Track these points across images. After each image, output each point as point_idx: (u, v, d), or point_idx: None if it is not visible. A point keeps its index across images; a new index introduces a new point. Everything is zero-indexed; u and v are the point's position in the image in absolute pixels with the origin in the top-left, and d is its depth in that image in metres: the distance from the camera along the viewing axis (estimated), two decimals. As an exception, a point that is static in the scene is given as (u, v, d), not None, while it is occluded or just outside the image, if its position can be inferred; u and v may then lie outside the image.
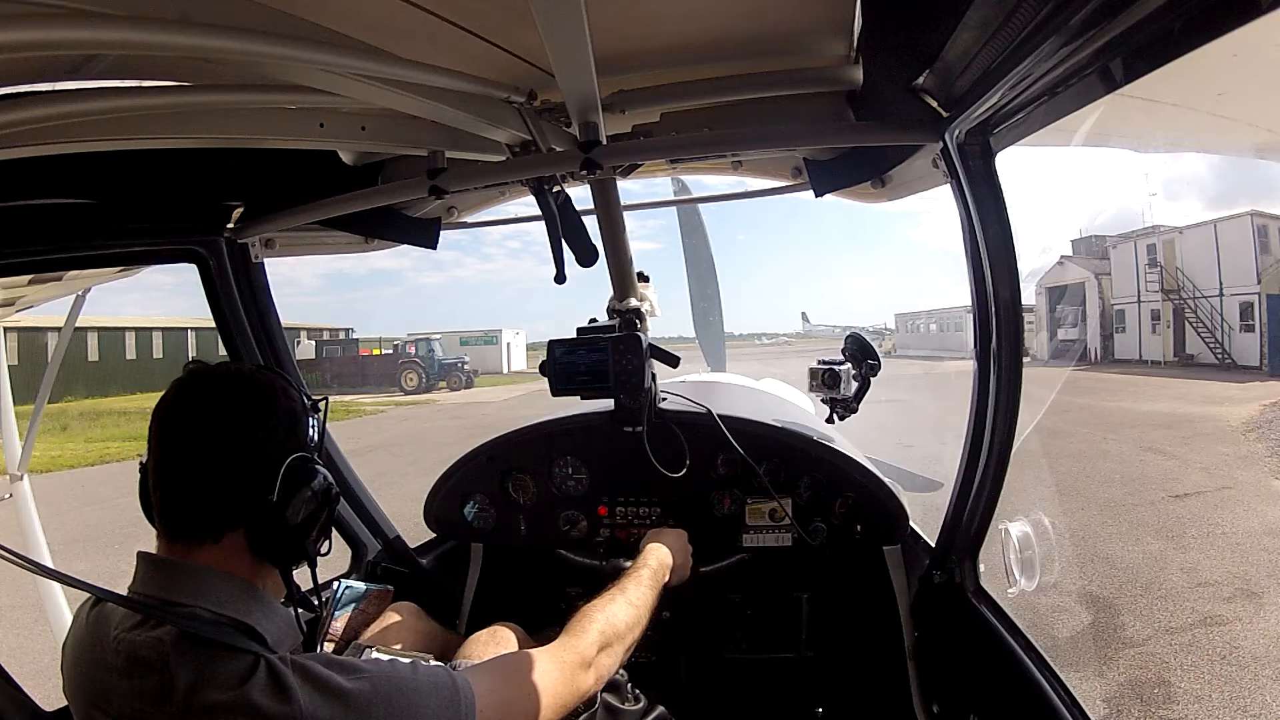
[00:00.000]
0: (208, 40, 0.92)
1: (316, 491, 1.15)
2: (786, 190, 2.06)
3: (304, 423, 1.18)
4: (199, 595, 1.05)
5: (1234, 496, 8.11)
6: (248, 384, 1.15)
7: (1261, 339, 21.76)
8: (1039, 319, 29.66)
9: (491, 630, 1.75)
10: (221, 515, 1.09)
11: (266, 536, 1.11)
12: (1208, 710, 4.17)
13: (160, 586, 1.07)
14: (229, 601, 1.06)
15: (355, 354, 32.51)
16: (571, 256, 1.69)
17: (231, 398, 1.12)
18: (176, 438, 1.10)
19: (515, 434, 2.41)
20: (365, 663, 1.16)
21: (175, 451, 1.10)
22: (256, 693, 0.96)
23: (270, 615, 1.10)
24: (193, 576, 1.07)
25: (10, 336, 3.96)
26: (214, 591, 1.06)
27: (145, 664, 1.00)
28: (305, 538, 1.16)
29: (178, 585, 1.06)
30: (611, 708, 1.72)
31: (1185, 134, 1.49)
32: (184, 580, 1.07)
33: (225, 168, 1.72)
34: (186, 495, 1.09)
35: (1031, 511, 1.87)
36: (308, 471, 1.15)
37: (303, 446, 1.16)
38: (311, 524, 1.16)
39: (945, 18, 1.11)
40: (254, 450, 1.10)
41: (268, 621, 1.08)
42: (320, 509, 1.17)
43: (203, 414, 1.10)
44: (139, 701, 1.00)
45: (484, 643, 1.70)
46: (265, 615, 1.09)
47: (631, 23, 1.34)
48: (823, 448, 2.24)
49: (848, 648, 2.32)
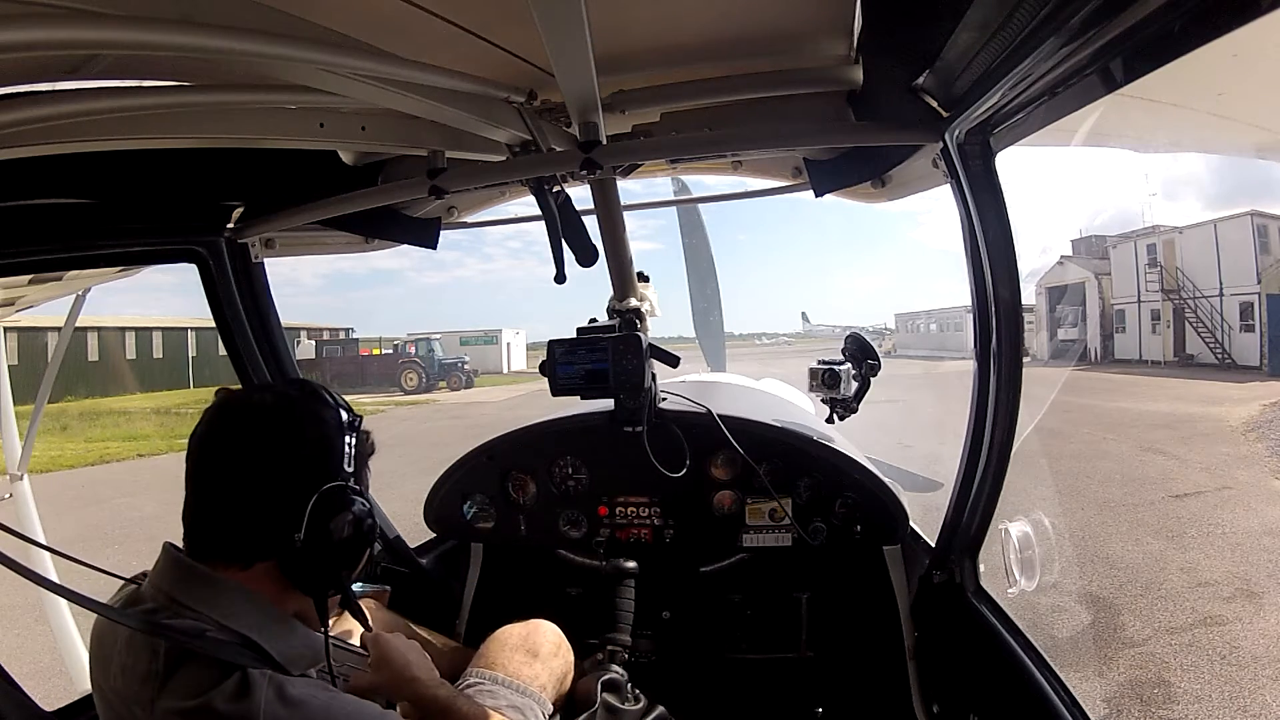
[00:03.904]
0: (208, 40, 0.92)
1: (351, 520, 1.10)
2: (786, 190, 2.06)
3: (338, 447, 1.12)
4: (209, 605, 1.04)
5: (1234, 496, 8.11)
6: (275, 414, 1.11)
7: (1261, 339, 21.73)
8: (1039, 319, 29.63)
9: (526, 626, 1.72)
10: (250, 548, 1.08)
11: (296, 569, 1.09)
12: (1208, 710, 4.16)
13: (173, 585, 1.07)
14: (239, 616, 1.04)
15: (355, 354, 32.43)
16: (571, 256, 1.69)
17: (258, 431, 1.09)
18: (205, 471, 1.09)
19: (515, 434, 2.41)
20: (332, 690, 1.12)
21: (204, 485, 1.09)
22: (219, 699, 0.96)
23: (287, 637, 1.08)
24: (207, 585, 1.06)
25: (10, 336, 3.96)
26: (225, 604, 1.05)
27: (143, 646, 1.01)
28: (338, 568, 1.12)
29: (189, 590, 1.06)
30: (611, 708, 1.72)
31: (1185, 134, 1.49)
32: (197, 587, 1.06)
33: (225, 168, 1.72)
34: (216, 527, 1.09)
35: (1031, 511, 1.87)
36: (342, 501, 1.09)
37: (336, 473, 1.10)
38: (344, 554, 1.11)
39: (945, 18, 1.11)
40: (282, 485, 1.07)
41: (281, 642, 1.06)
42: (354, 539, 1.11)
43: (230, 448, 1.09)
44: (129, 677, 1.02)
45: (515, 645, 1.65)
46: (279, 635, 1.07)
47: (631, 23, 1.34)
48: (823, 448, 2.24)
49: (848, 648, 2.32)
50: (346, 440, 1.14)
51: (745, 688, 2.36)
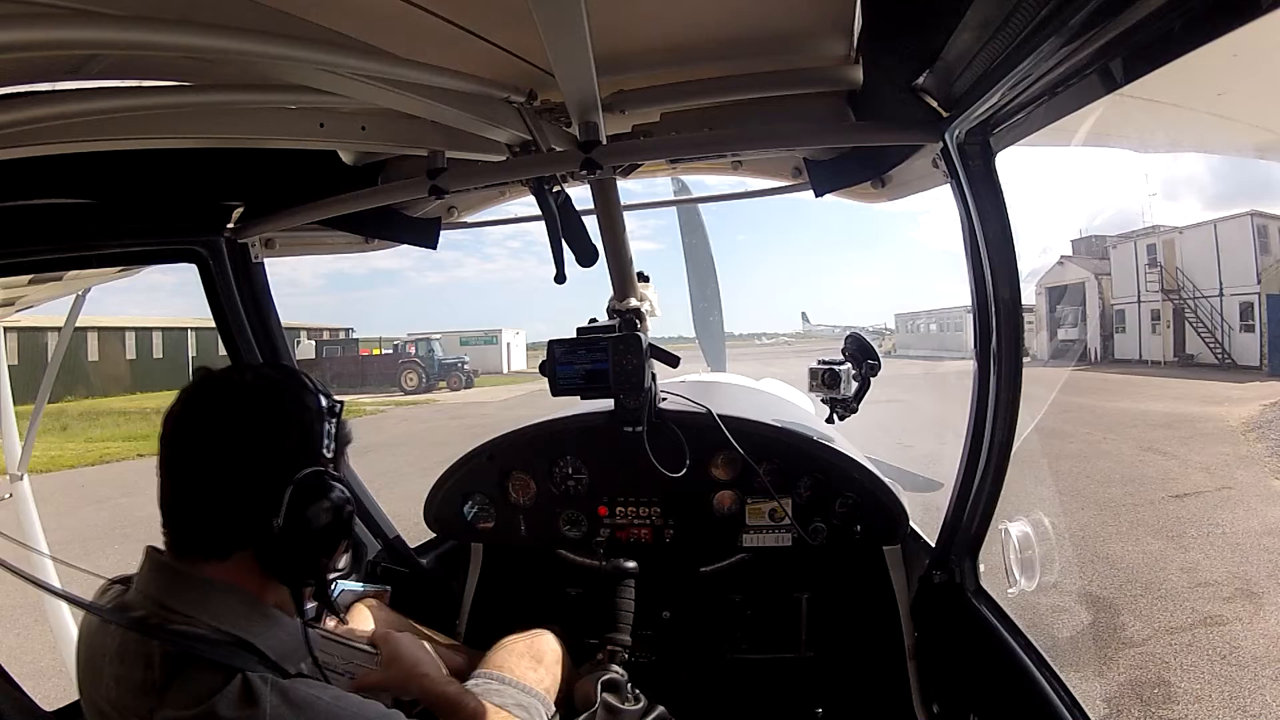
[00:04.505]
0: (208, 40, 0.92)
1: (329, 507, 1.08)
2: (786, 190, 2.06)
3: (318, 431, 1.10)
4: (198, 608, 1.02)
5: (1234, 496, 8.11)
6: (255, 394, 1.09)
7: (1261, 339, 21.73)
8: (1039, 319, 29.64)
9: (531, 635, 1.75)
10: (228, 536, 1.05)
11: (274, 557, 1.06)
12: (1208, 710, 4.16)
13: (161, 590, 1.05)
14: (228, 616, 1.03)
15: (355, 354, 32.44)
16: (571, 256, 1.69)
17: (237, 411, 1.06)
18: (181, 454, 1.06)
19: (515, 434, 2.41)
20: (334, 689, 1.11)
21: (180, 469, 1.06)
22: (223, 706, 0.95)
23: (276, 631, 1.07)
24: (195, 588, 1.04)
25: (10, 336, 3.95)
26: (214, 605, 1.03)
27: (137, 655, 1.00)
28: (317, 557, 1.10)
29: (178, 594, 1.04)
30: (611, 708, 1.72)
31: (1185, 134, 1.48)
32: (185, 590, 1.04)
33: (225, 168, 1.72)
34: (193, 515, 1.06)
35: (1031, 511, 1.87)
36: (320, 486, 1.07)
37: (315, 457, 1.09)
38: (323, 542, 1.09)
39: (945, 18, 1.11)
40: (262, 467, 1.05)
41: (272, 638, 1.05)
42: (333, 525, 1.09)
43: (207, 430, 1.05)
44: (123, 689, 1.00)
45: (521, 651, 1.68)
46: (269, 631, 1.06)
47: (631, 23, 1.34)
48: (823, 448, 2.24)
49: (848, 648, 2.32)
50: (327, 425, 1.12)
51: (745, 688, 2.36)
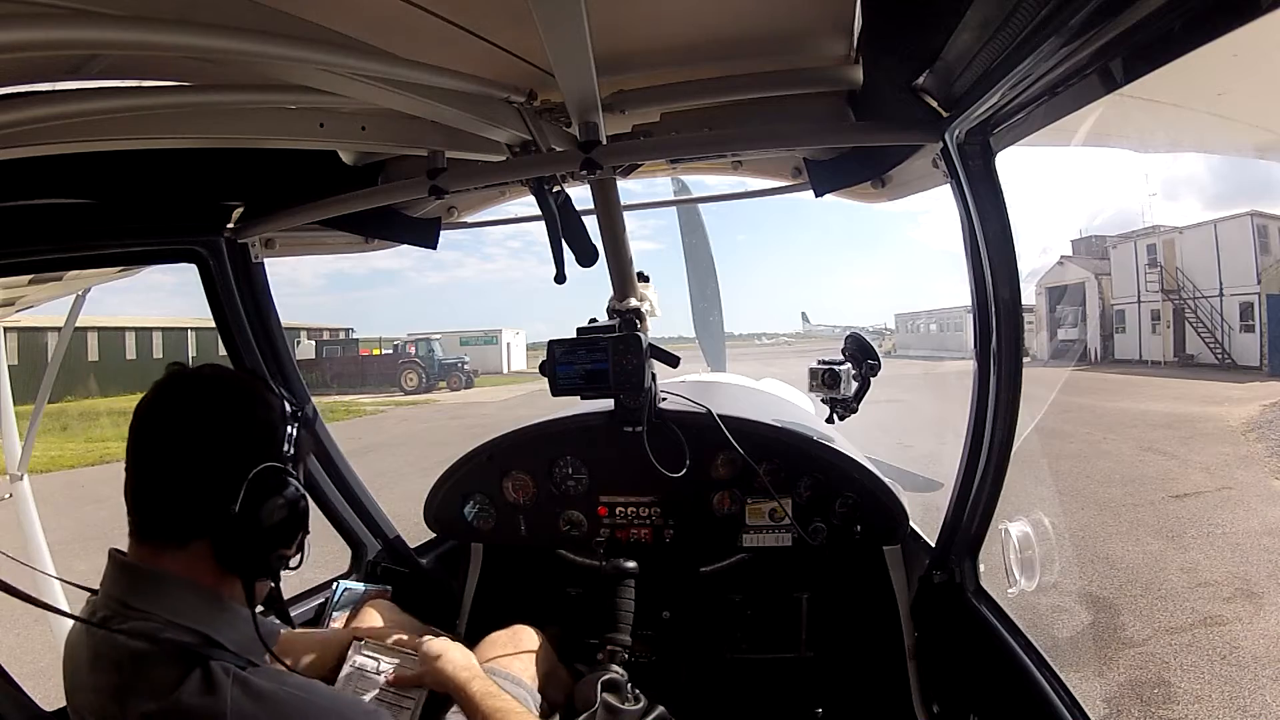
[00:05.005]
0: (208, 40, 0.92)
1: (285, 503, 1.11)
2: (786, 190, 2.06)
3: (280, 433, 1.15)
4: (157, 603, 1.04)
5: (1234, 496, 8.11)
6: (225, 390, 1.14)
7: (1261, 339, 21.72)
8: (1039, 319, 29.62)
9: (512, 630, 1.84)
10: (188, 523, 1.08)
11: (230, 548, 1.09)
12: (1208, 710, 4.16)
13: (123, 590, 1.07)
14: (187, 610, 1.05)
15: (355, 354, 32.44)
16: (571, 256, 1.69)
17: (207, 403, 1.11)
18: (149, 441, 1.09)
19: (515, 434, 2.41)
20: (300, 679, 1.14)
21: (147, 455, 1.09)
22: (186, 694, 0.97)
23: (235, 624, 1.09)
24: (154, 584, 1.06)
25: (10, 336, 3.96)
26: (173, 599, 1.05)
27: (107, 660, 1.02)
28: (271, 551, 1.13)
29: (138, 591, 1.06)
30: (611, 708, 1.72)
31: (1185, 134, 1.49)
32: (145, 587, 1.06)
33: (225, 168, 1.72)
34: (155, 499, 1.09)
35: (1031, 511, 1.86)
36: (277, 482, 1.11)
37: (275, 456, 1.13)
38: (278, 536, 1.13)
39: (945, 18, 1.11)
40: (224, 459, 1.08)
41: (231, 630, 1.07)
42: (289, 521, 1.13)
43: (177, 419, 1.09)
44: (99, 697, 1.02)
45: (503, 644, 1.79)
46: (228, 624, 1.08)
47: (631, 23, 1.34)
48: (823, 448, 2.24)
49: (848, 648, 2.32)
50: (289, 429, 1.17)
51: (745, 688, 2.36)
